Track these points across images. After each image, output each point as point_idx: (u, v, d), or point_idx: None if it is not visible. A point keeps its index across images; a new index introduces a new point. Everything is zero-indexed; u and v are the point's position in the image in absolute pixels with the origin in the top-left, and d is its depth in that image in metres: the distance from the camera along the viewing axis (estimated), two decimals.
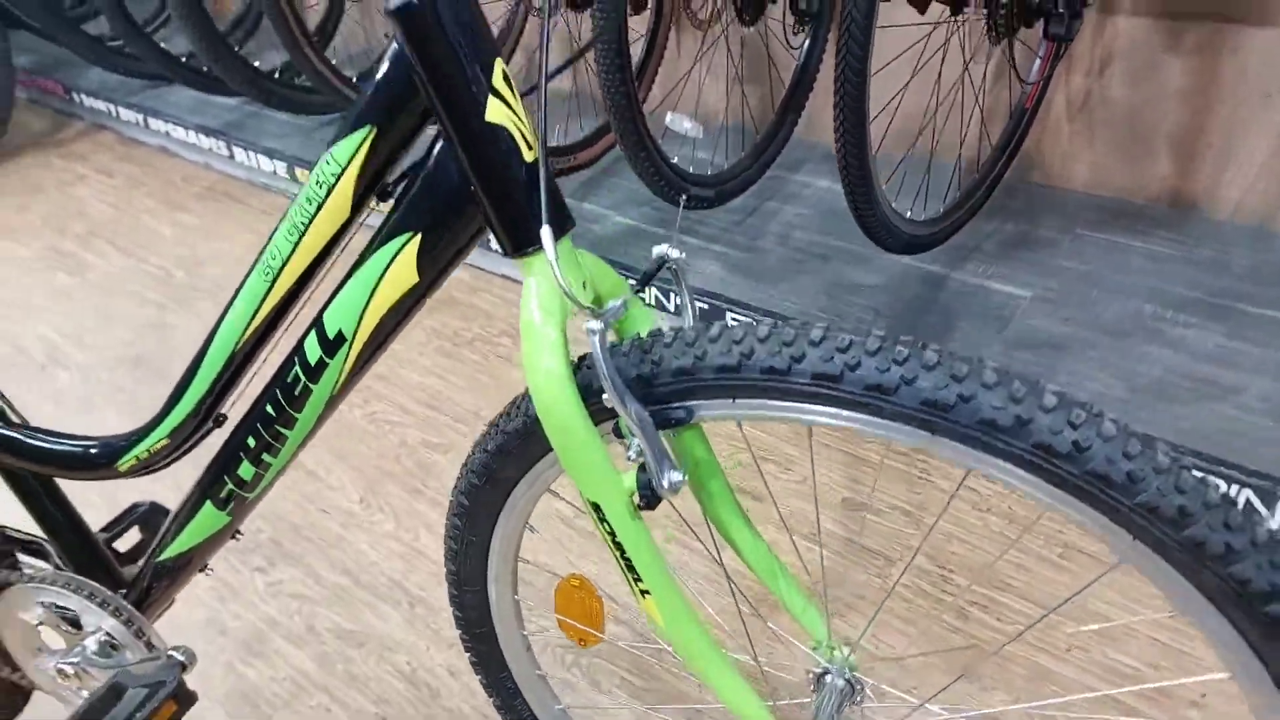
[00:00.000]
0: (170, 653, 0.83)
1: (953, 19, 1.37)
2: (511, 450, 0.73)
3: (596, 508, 0.64)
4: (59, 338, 2.05)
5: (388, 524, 1.50)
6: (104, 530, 1.02)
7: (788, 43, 1.71)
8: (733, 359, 0.59)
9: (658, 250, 0.67)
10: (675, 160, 1.62)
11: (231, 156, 2.54)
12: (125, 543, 1.02)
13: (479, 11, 0.56)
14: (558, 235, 0.59)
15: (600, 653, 1.21)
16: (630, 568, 0.66)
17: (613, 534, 0.65)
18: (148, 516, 1.03)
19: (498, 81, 0.57)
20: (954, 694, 1.15)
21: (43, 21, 2.75)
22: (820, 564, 1.32)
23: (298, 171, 2.37)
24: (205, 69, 2.56)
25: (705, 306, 1.67)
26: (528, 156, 0.58)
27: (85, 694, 0.94)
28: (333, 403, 0.72)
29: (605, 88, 1.42)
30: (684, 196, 1.42)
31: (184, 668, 0.82)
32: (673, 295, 1.71)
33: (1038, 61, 1.60)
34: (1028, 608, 1.24)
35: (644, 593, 0.67)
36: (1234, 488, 1.26)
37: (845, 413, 0.58)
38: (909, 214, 1.51)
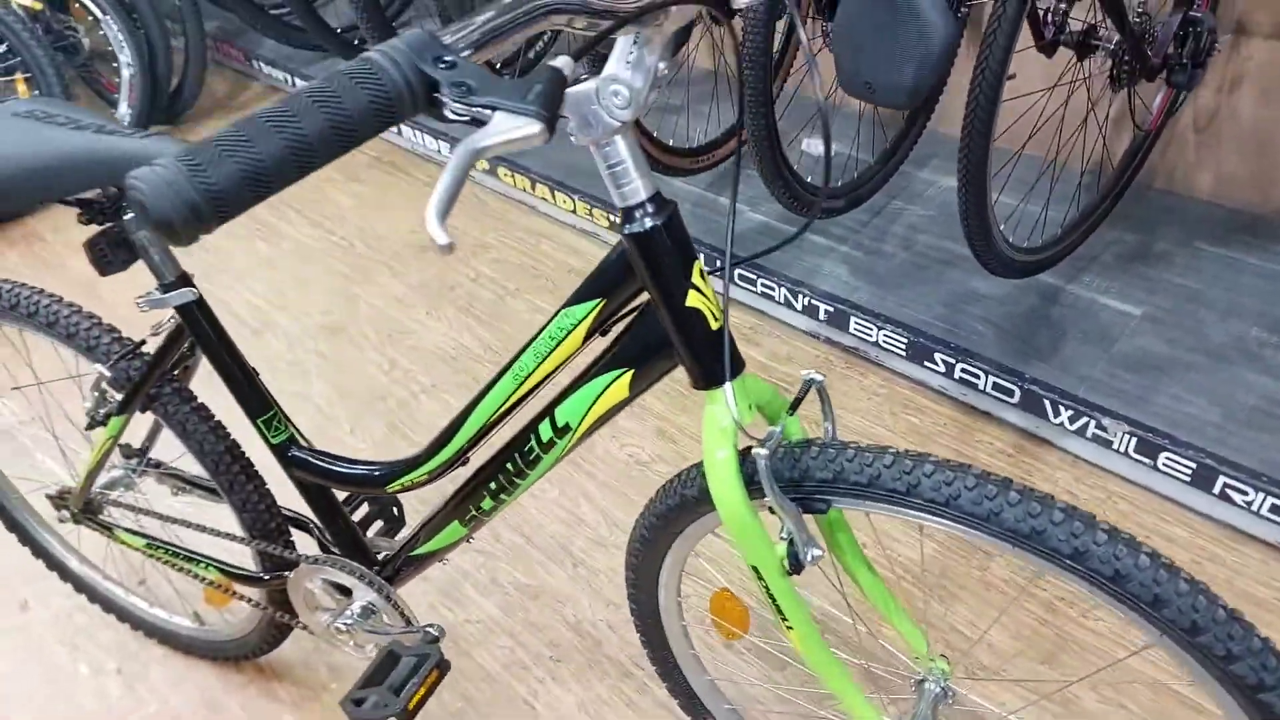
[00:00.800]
0: (427, 628, 1.12)
1: (1078, 65, 1.45)
2: (687, 506, 0.97)
3: (755, 569, 0.88)
4: (266, 305, 2.40)
5: (553, 492, 1.79)
6: (344, 503, 1.32)
7: None
8: (864, 478, 0.80)
9: (804, 374, 0.88)
10: (809, 180, 1.78)
11: (399, 131, 2.80)
12: (358, 512, 1.33)
13: (684, 230, 0.77)
14: (732, 376, 0.81)
15: (744, 644, 1.48)
16: (779, 611, 0.89)
17: (767, 589, 0.88)
18: None
19: (695, 278, 0.78)
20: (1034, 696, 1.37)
21: None
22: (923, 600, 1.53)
23: None
24: (359, 43, 2.82)
25: (831, 309, 1.85)
26: (713, 326, 0.79)
27: (352, 644, 1.26)
28: (555, 464, 0.97)
29: (751, 132, 1.58)
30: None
31: (436, 640, 1.12)
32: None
33: (1157, 101, 1.65)
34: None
35: (789, 628, 0.91)
36: None
37: (946, 523, 0.79)
38: (1025, 244, 1.63)
